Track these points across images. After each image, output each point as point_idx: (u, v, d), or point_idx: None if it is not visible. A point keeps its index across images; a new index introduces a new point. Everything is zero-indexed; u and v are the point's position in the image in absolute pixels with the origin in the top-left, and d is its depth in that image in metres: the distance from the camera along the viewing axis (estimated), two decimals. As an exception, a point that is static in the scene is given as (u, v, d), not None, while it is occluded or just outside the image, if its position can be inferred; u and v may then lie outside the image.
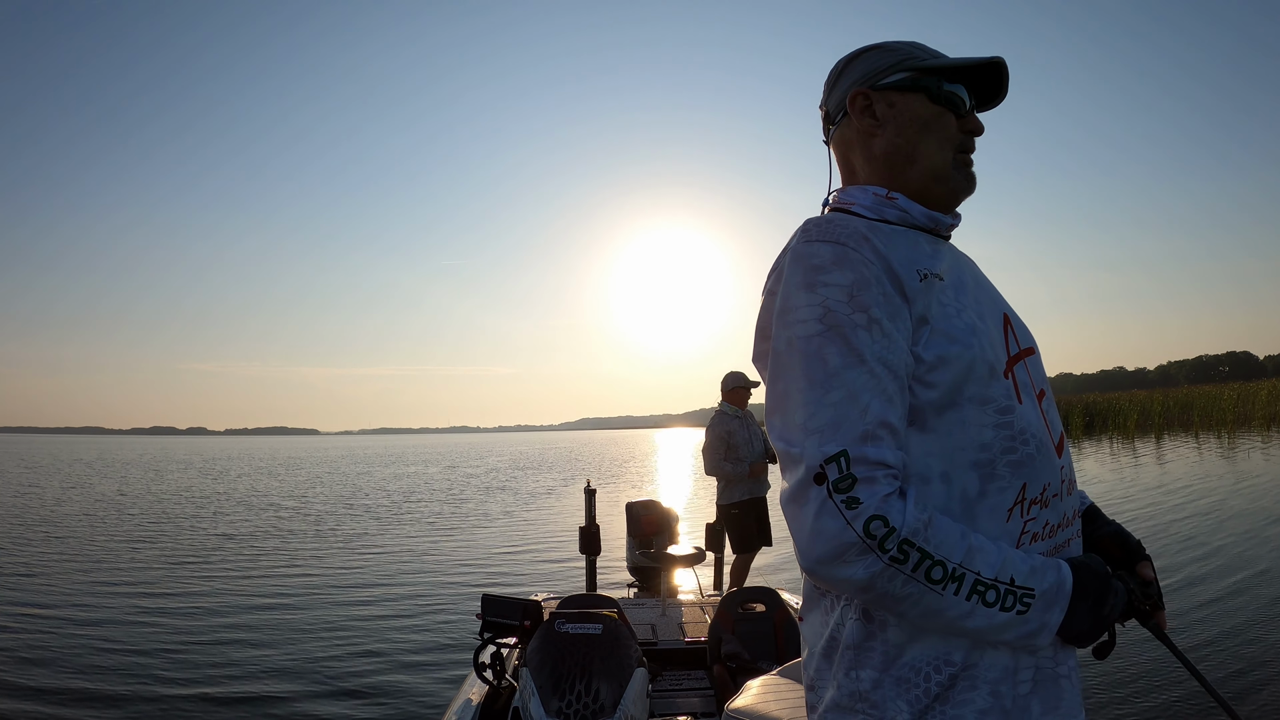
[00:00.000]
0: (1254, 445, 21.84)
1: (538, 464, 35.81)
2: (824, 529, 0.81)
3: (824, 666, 0.94)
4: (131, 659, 5.48)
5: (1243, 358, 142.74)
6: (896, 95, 1.00)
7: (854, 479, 0.81)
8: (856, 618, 0.90)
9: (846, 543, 0.80)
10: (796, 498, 0.84)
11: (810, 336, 0.87)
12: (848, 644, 0.91)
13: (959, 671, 0.87)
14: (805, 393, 0.86)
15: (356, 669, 5.20)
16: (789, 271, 0.91)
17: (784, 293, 0.91)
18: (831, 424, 0.84)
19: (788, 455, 0.86)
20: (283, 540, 11.58)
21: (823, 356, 0.86)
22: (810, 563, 0.83)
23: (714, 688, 3.00)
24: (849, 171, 1.06)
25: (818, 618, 0.97)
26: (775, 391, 0.90)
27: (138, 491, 20.49)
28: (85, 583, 8.20)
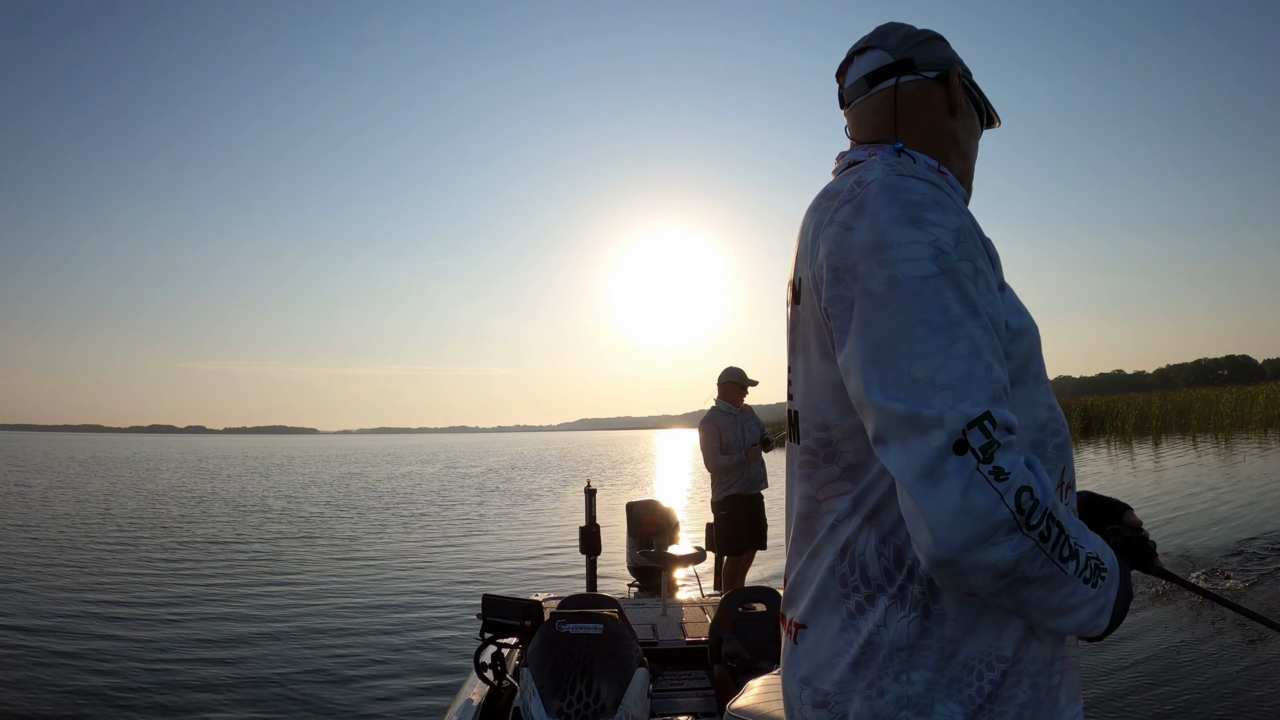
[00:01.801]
0: (1251, 449, 21.87)
1: (537, 464, 35.78)
2: (974, 506, 0.68)
3: (850, 678, 0.83)
4: (130, 660, 5.47)
5: (1241, 361, 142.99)
6: (970, 99, 1.02)
7: (996, 445, 0.69)
8: (911, 614, 0.81)
9: (997, 521, 0.68)
10: (932, 471, 0.69)
11: (926, 277, 0.74)
12: (897, 645, 0.81)
13: (1009, 667, 0.81)
14: (925, 341, 0.72)
15: (357, 669, 5.20)
16: (880, 204, 0.78)
17: (875, 227, 0.77)
18: (962, 380, 0.71)
19: (906, 418, 0.71)
20: (282, 540, 11.57)
21: (942, 301, 0.73)
22: (951, 549, 0.69)
23: (714, 688, 3.00)
24: (891, 125, 0.97)
25: (836, 623, 0.86)
26: (869, 339, 0.75)
27: (125, 492, 20.06)
28: (60, 587, 8.00)
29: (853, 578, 0.85)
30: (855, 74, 1.02)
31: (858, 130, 1.01)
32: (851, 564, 0.85)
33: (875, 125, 0.98)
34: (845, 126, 1.05)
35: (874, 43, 1.01)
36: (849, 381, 0.80)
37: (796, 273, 0.92)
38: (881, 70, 0.98)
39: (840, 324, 0.80)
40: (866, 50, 1.01)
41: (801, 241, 0.91)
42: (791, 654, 0.93)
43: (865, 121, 1.00)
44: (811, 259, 0.85)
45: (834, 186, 0.88)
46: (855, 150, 0.97)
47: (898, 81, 0.97)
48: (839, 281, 0.80)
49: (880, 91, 0.98)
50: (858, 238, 0.79)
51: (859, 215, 0.80)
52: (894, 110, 0.97)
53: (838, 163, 1.00)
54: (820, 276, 0.83)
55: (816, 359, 0.87)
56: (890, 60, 0.98)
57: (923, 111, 0.97)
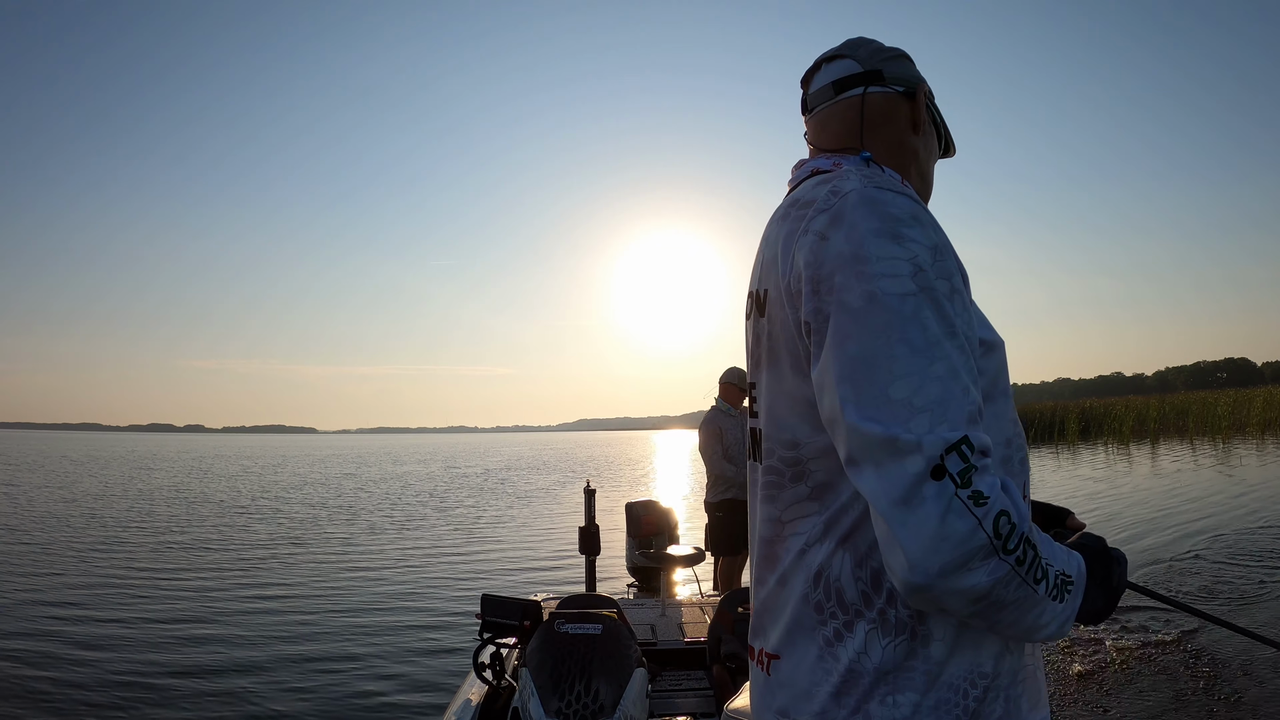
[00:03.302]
0: (1247, 451, 21.91)
1: (536, 464, 35.78)
2: (952, 532, 0.67)
3: (832, 707, 0.80)
4: (126, 663, 5.46)
5: (1240, 364, 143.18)
6: (932, 121, 1.02)
7: (974, 469, 0.68)
8: (896, 639, 0.78)
9: (975, 547, 0.67)
10: (908, 497, 0.67)
11: (905, 295, 0.72)
12: (882, 670, 0.78)
13: (989, 683, 0.80)
14: (904, 361, 0.70)
15: (356, 670, 5.20)
16: (858, 214, 0.76)
17: (853, 238, 0.75)
18: (940, 402, 0.69)
19: (883, 441, 0.69)
20: (280, 540, 11.56)
21: (921, 320, 0.71)
22: (928, 575, 0.67)
23: (713, 688, 3.00)
24: (856, 134, 0.95)
25: (813, 651, 0.82)
26: (846, 354, 0.73)
27: (115, 492, 19.60)
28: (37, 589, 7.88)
29: (829, 604, 0.81)
30: (822, 80, 1.00)
31: (819, 137, 0.99)
32: (826, 590, 0.81)
33: (839, 133, 0.97)
34: (805, 133, 1.04)
35: (844, 52, 1.00)
36: (822, 398, 0.77)
37: (760, 284, 0.88)
38: (849, 79, 0.97)
39: (818, 338, 0.77)
40: (836, 59, 1.00)
41: (766, 251, 0.88)
42: (765, 685, 0.88)
43: (828, 128, 0.98)
44: (784, 270, 0.82)
45: (805, 195, 0.85)
46: (818, 158, 0.95)
47: (865, 91, 0.96)
48: (816, 294, 0.77)
49: (846, 99, 0.97)
50: (834, 248, 0.76)
51: (836, 225, 0.77)
52: (860, 119, 0.95)
53: (795, 170, 0.98)
54: (796, 289, 0.79)
55: (788, 374, 0.84)
56: (859, 70, 0.97)
57: (887, 124, 0.96)
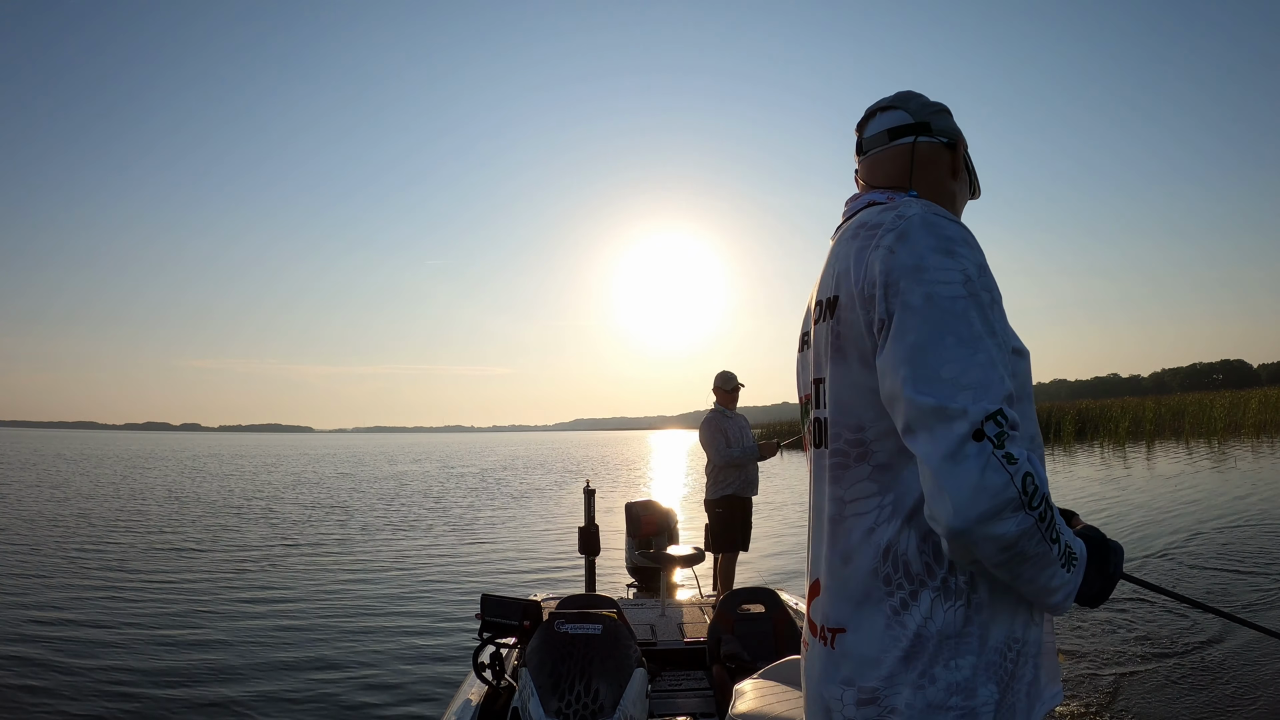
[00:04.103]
0: (1243, 453, 21.97)
1: (533, 464, 35.75)
2: (989, 484, 0.82)
3: (900, 671, 0.93)
4: (116, 669, 5.45)
5: (1236, 365, 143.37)
6: (966, 169, 1.21)
7: (1007, 435, 0.84)
8: (956, 604, 0.93)
9: (1007, 498, 0.82)
10: (955, 453, 0.83)
11: (955, 298, 0.89)
12: (945, 634, 0.92)
13: (1021, 648, 0.95)
14: (953, 349, 0.87)
15: (356, 670, 5.19)
16: (919, 234, 0.94)
17: (915, 252, 0.93)
18: (982, 383, 0.86)
19: (934, 410, 0.85)
20: (278, 541, 11.54)
21: (968, 319, 0.89)
22: (968, 521, 0.82)
23: (713, 688, 3.00)
24: (906, 176, 1.15)
25: (880, 621, 0.95)
26: (904, 344, 0.90)
27: (107, 492, 19.32)
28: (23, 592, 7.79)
29: (896, 576, 0.95)
30: (877, 127, 1.19)
31: (872, 176, 1.18)
32: (895, 563, 0.95)
33: (891, 173, 1.16)
34: (856, 171, 1.23)
35: (896, 104, 1.19)
36: (885, 379, 0.92)
37: (830, 291, 1.04)
38: (902, 128, 1.16)
39: (885, 333, 0.93)
40: (889, 109, 1.19)
41: (838, 264, 1.04)
42: (827, 659, 1.00)
43: (881, 169, 1.17)
44: (857, 278, 0.98)
45: (872, 219, 1.01)
46: (873, 193, 1.12)
47: (916, 140, 1.16)
48: (886, 298, 0.94)
49: (899, 145, 1.16)
50: (900, 259, 0.93)
51: (902, 241, 0.95)
52: (910, 163, 1.15)
53: (849, 203, 1.16)
54: (869, 294, 0.96)
55: (855, 367, 0.99)
56: (910, 121, 1.17)
57: (932, 169, 1.16)
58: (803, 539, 5.95)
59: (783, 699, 1.82)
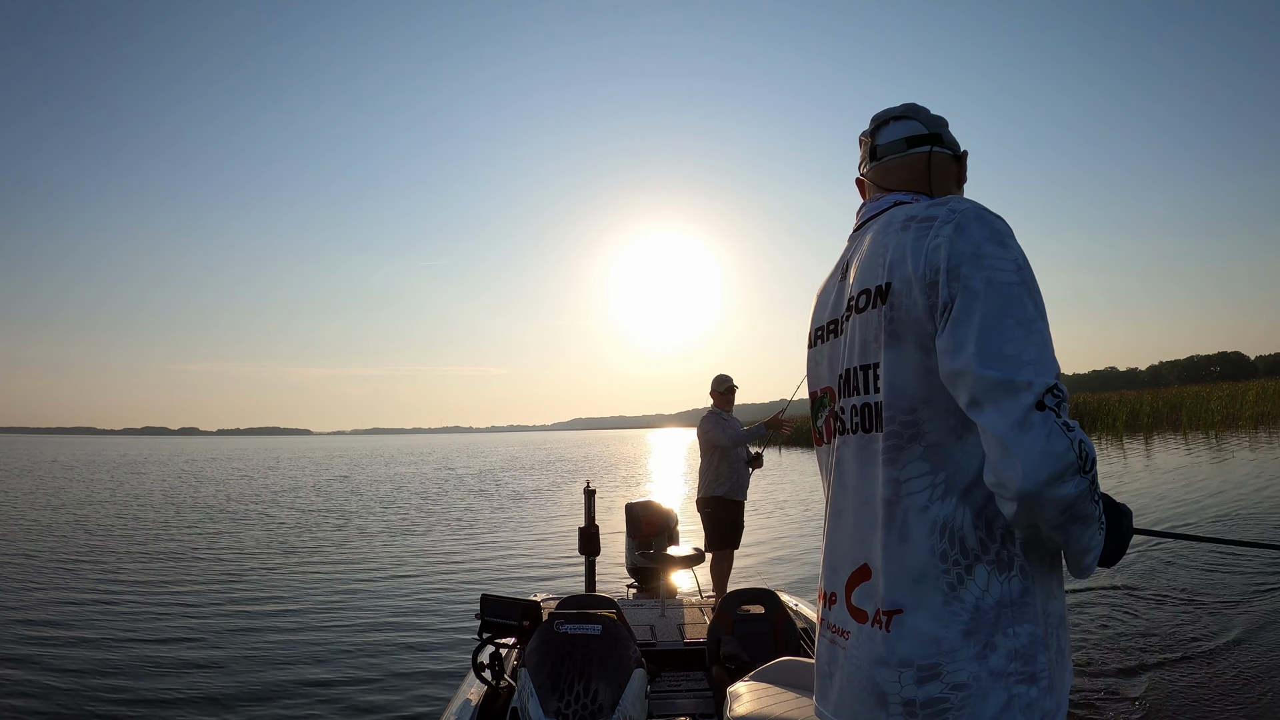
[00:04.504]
0: (1240, 445, 22.03)
1: (532, 464, 35.74)
2: (1054, 449, 0.89)
3: (962, 645, 0.98)
4: (110, 679, 5.43)
5: (1234, 358, 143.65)
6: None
7: (1064, 405, 0.93)
8: (1011, 574, 0.99)
9: (1069, 463, 0.90)
10: (1023, 422, 0.90)
11: (1010, 284, 0.97)
12: (1005, 603, 0.99)
13: (1057, 620, 1.03)
14: (1013, 329, 0.95)
15: (355, 669, 5.19)
16: (974, 226, 1.01)
17: (972, 241, 1.00)
18: (1038, 360, 0.93)
19: (1001, 383, 0.92)
20: (277, 541, 11.52)
21: (1023, 302, 0.97)
22: (1037, 484, 0.89)
23: (713, 689, 3.00)
24: (925, 181, 1.24)
25: (938, 598, 1.00)
26: (968, 324, 0.96)
27: (102, 498, 18.97)
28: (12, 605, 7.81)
29: (952, 552, 1.01)
30: (894, 134, 1.27)
31: (886, 179, 1.26)
32: (951, 540, 1.01)
33: (909, 179, 1.25)
34: (864, 172, 1.31)
35: (908, 114, 1.28)
36: (948, 359, 0.98)
37: (883, 279, 1.08)
38: (919, 137, 1.26)
39: (947, 316, 1.00)
40: (903, 119, 1.27)
41: (887, 253, 1.09)
42: (882, 642, 1.04)
43: (898, 174, 1.25)
44: (915, 266, 1.04)
45: (921, 213, 1.08)
46: (895, 194, 1.22)
47: (931, 150, 1.25)
48: (949, 283, 1.00)
49: (916, 154, 1.25)
50: (959, 247, 1.01)
51: (960, 232, 1.02)
52: (928, 170, 1.24)
53: (871, 200, 1.24)
54: (931, 280, 1.02)
55: (912, 350, 1.04)
56: (925, 131, 1.26)
57: (944, 177, 1.25)
58: (805, 538, 6.01)
59: (778, 700, 1.82)
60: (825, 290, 1.28)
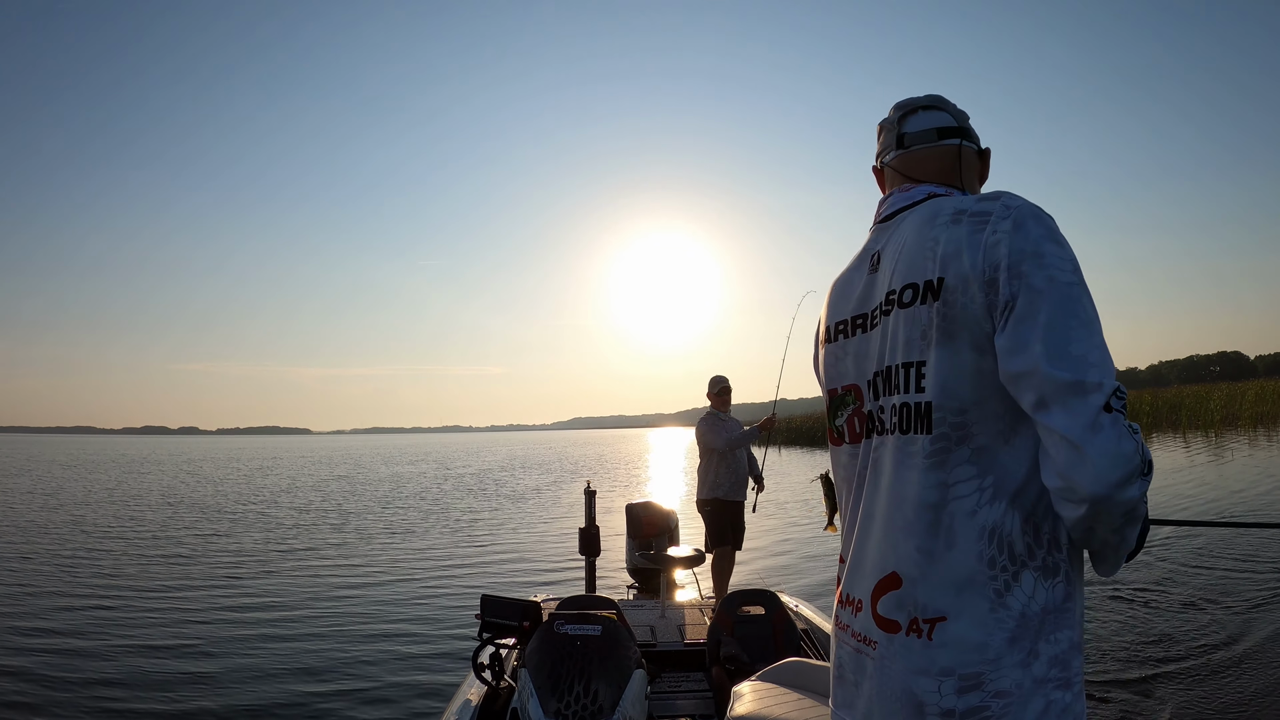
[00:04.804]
0: (1240, 445, 22.03)
1: (533, 464, 35.73)
2: (1125, 451, 0.89)
3: (1006, 652, 0.95)
4: (116, 676, 5.43)
5: (1233, 357, 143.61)
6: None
7: (1126, 408, 0.92)
8: (1056, 580, 0.98)
9: (1136, 465, 0.90)
10: (1094, 424, 0.89)
11: (1071, 283, 0.95)
12: (1049, 609, 0.97)
13: (1081, 620, 1.04)
14: (1077, 329, 0.93)
15: (355, 670, 5.19)
16: (1031, 223, 0.98)
17: (1031, 238, 0.97)
18: (1102, 361, 0.92)
19: (1071, 384, 0.90)
20: (276, 542, 11.52)
21: (1084, 303, 0.95)
22: (1109, 486, 0.88)
23: (713, 690, 3.00)
24: (956, 174, 1.20)
25: (984, 605, 0.96)
26: (1033, 323, 0.93)
27: (100, 497, 18.91)
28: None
29: (1000, 558, 0.97)
30: (923, 124, 1.23)
31: (914, 169, 1.21)
32: (999, 546, 0.97)
33: (938, 170, 1.21)
34: (888, 161, 1.25)
35: (936, 105, 1.24)
36: (1011, 358, 0.95)
37: (934, 273, 1.03)
38: (950, 129, 1.22)
39: (1007, 314, 0.96)
40: (931, 109, 1.24)
41: (938, 247, 1.03)
42: (920, 651, 0.99)
43: (927, 164, 1.21)
44: (971, 262, 0.99)
45: (973, 206, 1.03)
46: (926, 185, 1.18)
47: (961, 143, 1.22)
48: (1010, 281, 0.96)
49: (947, 145, 1.21)
50: (1019, 245, 0.97)
51: (1019, 229, 0.98)
52: (958, 163, 1.21)
53: (900, 190, 1.18)
54: (991, 277, 0.98)
55: (965, 349, 0.99)
56: (954, 124, 1.23)
57: (970, 172, 1.22)
58: (806, 539, 6.01)
59: (782, 701, 1.82)
60: (846, 282, 1.21)
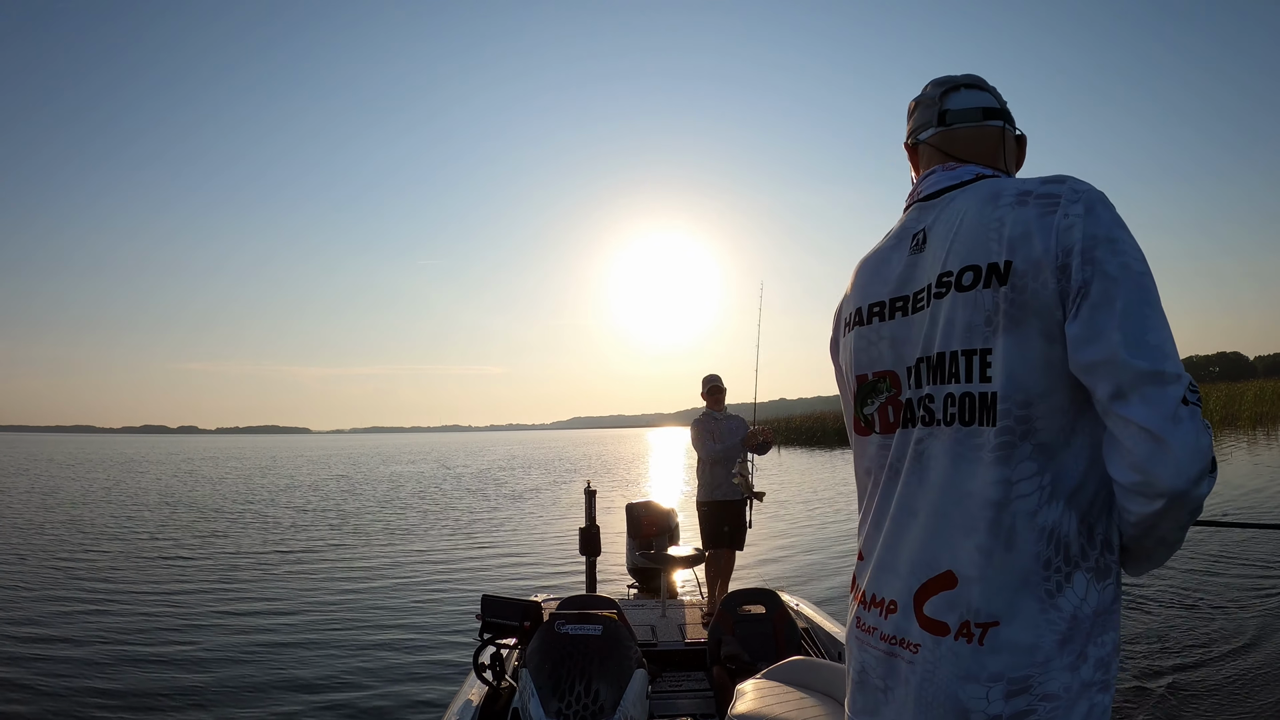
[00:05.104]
0: (1238, 446, 22.02)
1: (532, 464, 35.72)
2: (1203, 445, 0.86)
3: (1056, 655, 0.92)
4: (114, 679, 5.42)
5: (1233, 358, 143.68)
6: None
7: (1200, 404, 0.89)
8: (1107, 582, 0.95)
9: (1210, 459, 0.87)
10: (1175, 416, 0.85)
11: (1143, 272, 0.92)
12: (1099, 611, 0.94)
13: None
14: (1152, 317, 0.89)
15: (357, 670, 5.19)
16: (1101, 208, 0.95)
17: (1103, 223, 0.93)
18: (1174, 351, 0.89)
19: (1151, 374, 0.87)
20: (276, 542, 11.51)
21: (1154, 291, 0.92)
22: (1189, 481, 0.85)
23: (714, 689, 3.00)
24: (1000, 157, 1.16)
25: (1036, 607, 0.93)
26: (1109, 311, 0.89)
27: (97, 497, 18.90)
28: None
29: (1056, 559, 0.93)
30: (967, 102, 1.18)
31: (955, 147, 1.16)
32: (1056, 546, 0.93)
33: (982, 152, 1.16)
34: (925, 138, 1.19)
35: (977, 84, 1.19)
36: (1086, 347, 0.90)
37: (1001, 256, 0.97)
38: (994, 110, 1.17)
39: (1081, 300, 0.92)
40: (973, 87, 1.19)
41: (1004, 229, 0.98)
42: (971, 656, 0.94)
43: (969, 145, 1.16)
44: (1045, 247, 0.94)
45: (1038, 188, 0.98)
46: (972, 165, 1.12)
47: (1005, 126, 1.18)
48: (1083, 266, 0.92)
49: (991, 126, 1.17)
50: (1091, 230, 0.93)
51: (1091, 213, 0.94)
52: (1001, 147, 1.17)
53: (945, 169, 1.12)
54: (1064, 262, 0.93)
55: (1035, 338, 0.94)
56: (997, 105, 1.18)
57: (1010, 156, 1.18)
58: (806, 538, 5.98)
59: (784, 700, 1.82)
60: (882, 262, 1.13)
